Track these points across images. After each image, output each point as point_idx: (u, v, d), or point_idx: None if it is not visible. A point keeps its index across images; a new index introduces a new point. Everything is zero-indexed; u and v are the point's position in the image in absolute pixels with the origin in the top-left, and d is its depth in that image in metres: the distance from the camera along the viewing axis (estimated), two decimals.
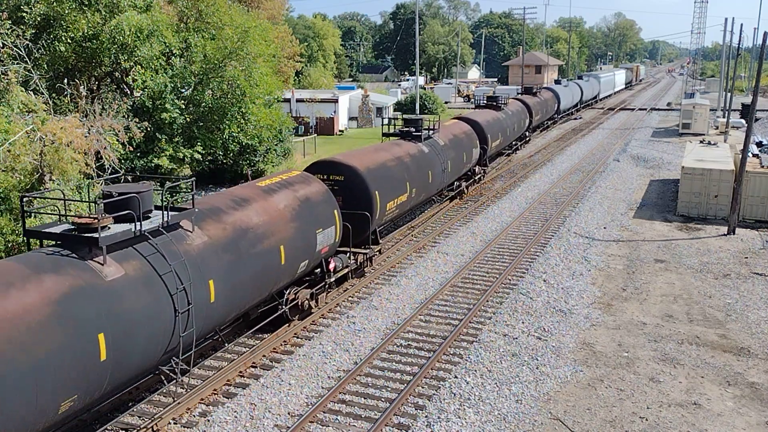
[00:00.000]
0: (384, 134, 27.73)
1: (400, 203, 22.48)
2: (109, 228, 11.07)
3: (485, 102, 42.41)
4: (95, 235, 10.56)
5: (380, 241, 21.65)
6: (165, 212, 11.98)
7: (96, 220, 10.66)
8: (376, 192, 20.23)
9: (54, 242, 10.99)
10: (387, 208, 21.21)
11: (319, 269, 17.49)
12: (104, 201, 11.42)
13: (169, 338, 11.48)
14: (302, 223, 15.77)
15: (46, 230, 11.09)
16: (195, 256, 12.22)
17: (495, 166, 40.60)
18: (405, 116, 26.91)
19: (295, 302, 16.41)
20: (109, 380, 10.21)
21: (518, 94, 56.42)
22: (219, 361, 14.97)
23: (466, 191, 32.00)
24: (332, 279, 17.74)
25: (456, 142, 29.25)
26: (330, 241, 17.15)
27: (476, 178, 33.49)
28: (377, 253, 21.35)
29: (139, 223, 11.34)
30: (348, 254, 19.02)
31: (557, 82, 72.87)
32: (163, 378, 12.17)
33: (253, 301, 14.31)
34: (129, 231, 11.19)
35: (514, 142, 45.17)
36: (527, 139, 49.46)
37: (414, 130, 26.33)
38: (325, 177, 19.83)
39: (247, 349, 15.59)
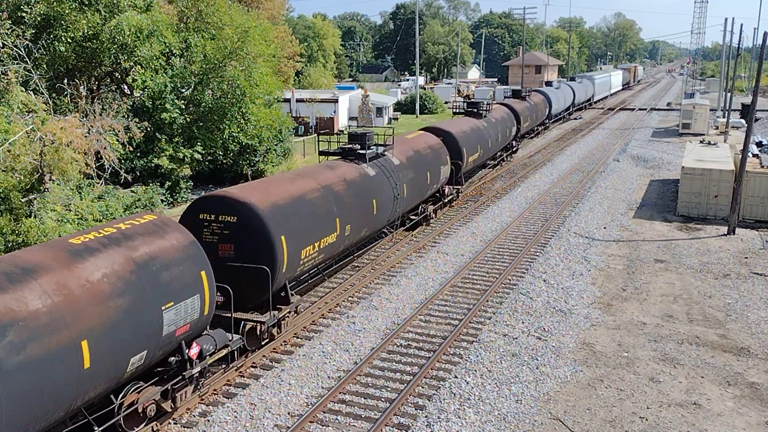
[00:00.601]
0: (321, 152, 22.55)
1: (326, 247, 17.35)
2: None
3: (464, 109, 36.93)
4: None
5: (292, 300, 16.39)
6: None
7: None
8: (282, 237, 15.17)
9: None
10: (302, 257, 16.19)
11: (176, 357, 12.43)
12: None
13: None
14: (135, 298, 10.94)
15: None
16: None
17: (491, 170, 40.60)
18: (351, 131, 21.62)
19: (134, 408, 11.70)
20: None
21: (505, 98, 51.28)
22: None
23: (433, 216, 27.36)
24: (198, 369, 12.73)
25: (417, 160, 24.43)
26: (192, 317, 12.18)
27: (446, 200, 28.60)
28: (288, 315, 16.27)
29: None
30: (241, 325, 14.62)
31: (548, 83, 66.94)
32: None
33: None
34: None
35: (499, 153, 40.24)
36: (515, 149, 44.46)
37: (359, 147, 21.49)
38: (213, 218, 14.94)
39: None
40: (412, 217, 25.71)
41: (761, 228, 26.69)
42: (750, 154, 30.12)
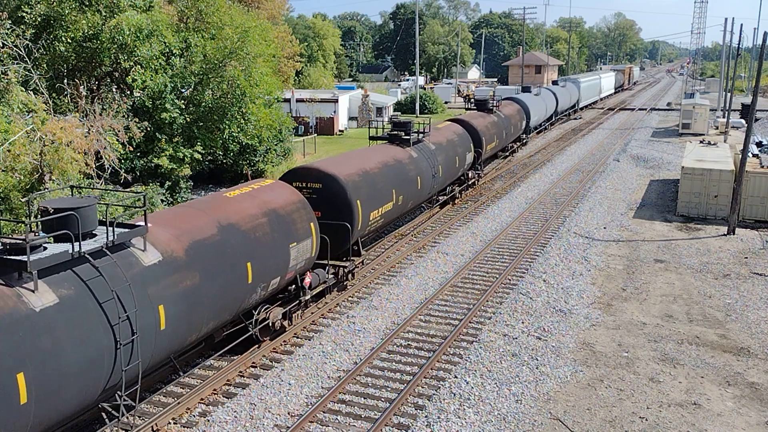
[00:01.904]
0: None
1: None
2: None
3: (388, 132, 26.05)
4: None
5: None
6: None
7: None
8: None
9: None
10: None
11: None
12: None
13: None
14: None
15: None
16: None
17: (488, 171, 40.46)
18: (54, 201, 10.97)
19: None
20: None
21: (468, 109, 40.57)
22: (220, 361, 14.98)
23: (283, 323, 16.06)
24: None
25: (222, 245, 13.15)
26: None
27: (307, 297, 16.84)
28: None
29: None
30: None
31: (526, 89, 56.36)
32: None
33: None
34: None
35: (450, 187, 30.06)
36: (472, 181, 33.18)
37: (70, 229, 10.07)
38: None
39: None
40: (238, 334, 14.81)
41: (761, 228, 26.69)
42: (750, 154, 30.12)
